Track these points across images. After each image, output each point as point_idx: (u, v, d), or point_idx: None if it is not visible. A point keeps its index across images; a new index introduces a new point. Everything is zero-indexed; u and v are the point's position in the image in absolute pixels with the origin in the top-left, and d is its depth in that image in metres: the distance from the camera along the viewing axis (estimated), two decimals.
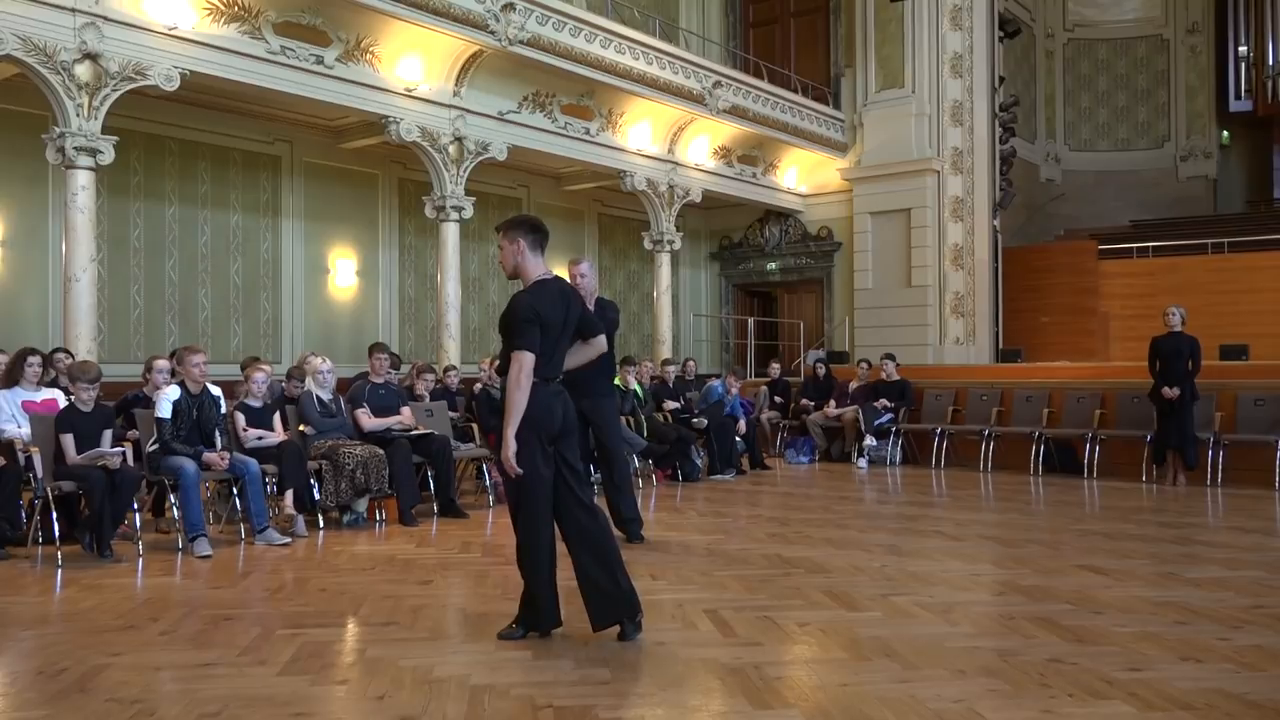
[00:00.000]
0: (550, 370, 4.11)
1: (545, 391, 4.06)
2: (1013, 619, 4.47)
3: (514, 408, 3.95)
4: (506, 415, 3.96)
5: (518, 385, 3.95)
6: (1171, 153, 23.41)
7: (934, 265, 16.68)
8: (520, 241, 4.16)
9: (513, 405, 3.95)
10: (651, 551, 6.24)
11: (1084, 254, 19.05)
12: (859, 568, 5.66)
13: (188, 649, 4.11)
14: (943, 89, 16.69)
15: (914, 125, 16.76)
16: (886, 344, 14.74)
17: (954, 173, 16.74)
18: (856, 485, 10.02)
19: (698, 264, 19.63)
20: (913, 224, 16.77)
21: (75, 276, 8.68)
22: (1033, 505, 8.61)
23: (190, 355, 6.69)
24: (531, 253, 4.17)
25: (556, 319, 4.08)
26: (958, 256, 16.73)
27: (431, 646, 4.10)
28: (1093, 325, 18.36)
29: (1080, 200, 23.13)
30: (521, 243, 4.16)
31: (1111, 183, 23.26)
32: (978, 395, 11.57)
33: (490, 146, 12.30)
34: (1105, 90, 23.90)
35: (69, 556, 6.04)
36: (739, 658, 3.89)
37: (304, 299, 12.87)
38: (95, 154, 8.73)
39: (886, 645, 4.04)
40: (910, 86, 16.80)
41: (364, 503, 7.45)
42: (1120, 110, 23.83)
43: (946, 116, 16.68)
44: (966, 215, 16.80)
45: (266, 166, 12.54)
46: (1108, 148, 23.83)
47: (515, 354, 3.95)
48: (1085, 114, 23.92)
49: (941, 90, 16.69)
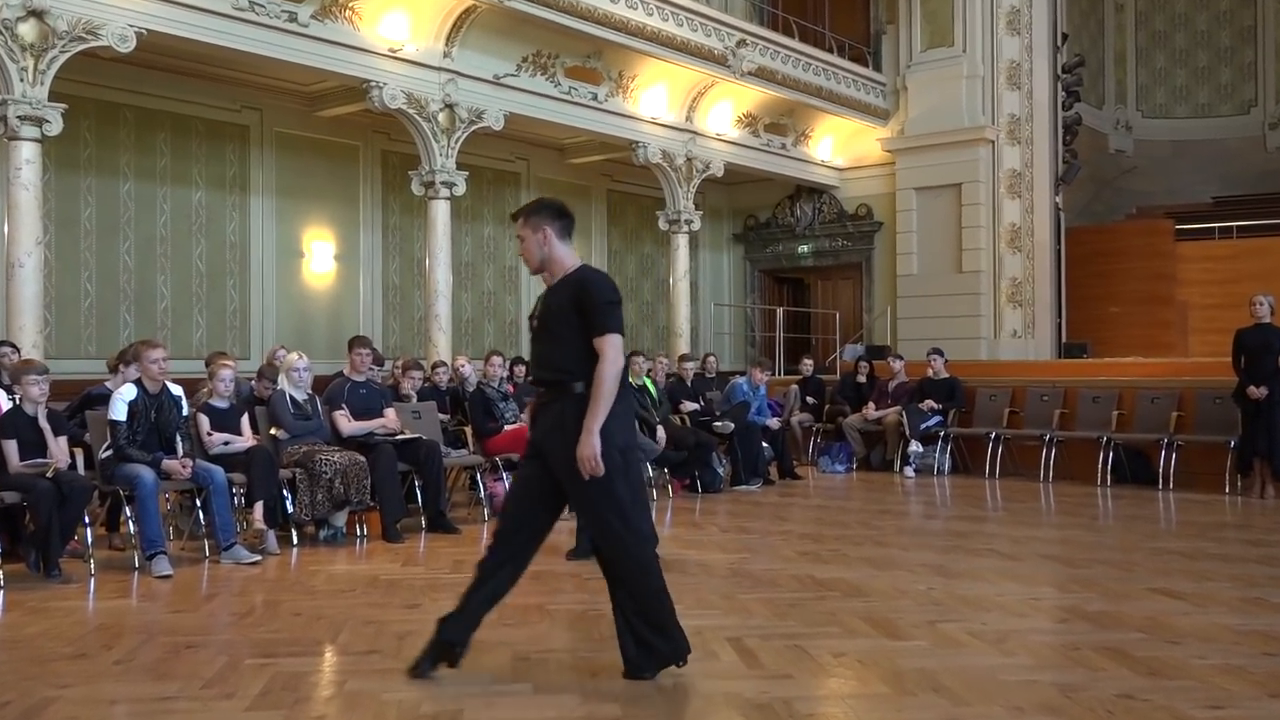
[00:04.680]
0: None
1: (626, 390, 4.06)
2: (1077, 649, 4.45)
3: (607, 399, 3.89)
4: (594, 409, 3.89)
5: (617, 375, 3.92)
6: (1259, 119, 23.24)
7: (988, 248, 16.60)
8: (546, 229, 4.10)
9: (606, 397, 3.89)
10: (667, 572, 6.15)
11: (1159, 235, 18.95)
12: (902, 590, 5.65)
13: (145, 680, 4.12)
14: (998, 47, 16.59)
15: (965, 89, 16.68)
16: (933, 337, 14.68)
17: (1010, 143, 16.64)
18: (899, 497, 9.99)
19: (719, 247, 19.60)
20: (963, 201, 16.70)
21: (19, 262, 8.71)
22: (1100, 520, 8.57)
23: (148, 350, 6.73)
24: (561, 241, 4.12)
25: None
26: (1015, 238, 16.65)
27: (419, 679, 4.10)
28: (1169, 316, 18.28)
29: (1154, 174, 23.01)
30: (548, 230, 4.10)
31: (1190, 154, 23.11)
32: (1037, 395, 11.52)
33: (485, 114, 12.31)
34: (1183, 49, 23.75)
35: (12, 576, 6.07)
36: (766, 692, 3.88)
37: (275, 287, 12.90)
38: (41, 124, 8.75)
39: (933, 678, 4.03)
40: (961, 45, 16.70)
41: (343, 516, 7.47)
42: (1200, 71, 23.68)
43: (1002, 79, 16.59)
44: (1025, 191, 16.72)
45: (233, 137, 12.56)
46: (1186, 114, 23.68)
47: (609, 338, 3.91)
48: (1160, 76, 23.78)
49: (996, 49, 16.59)
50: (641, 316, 17.70)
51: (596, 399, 3.89)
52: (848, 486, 10.85)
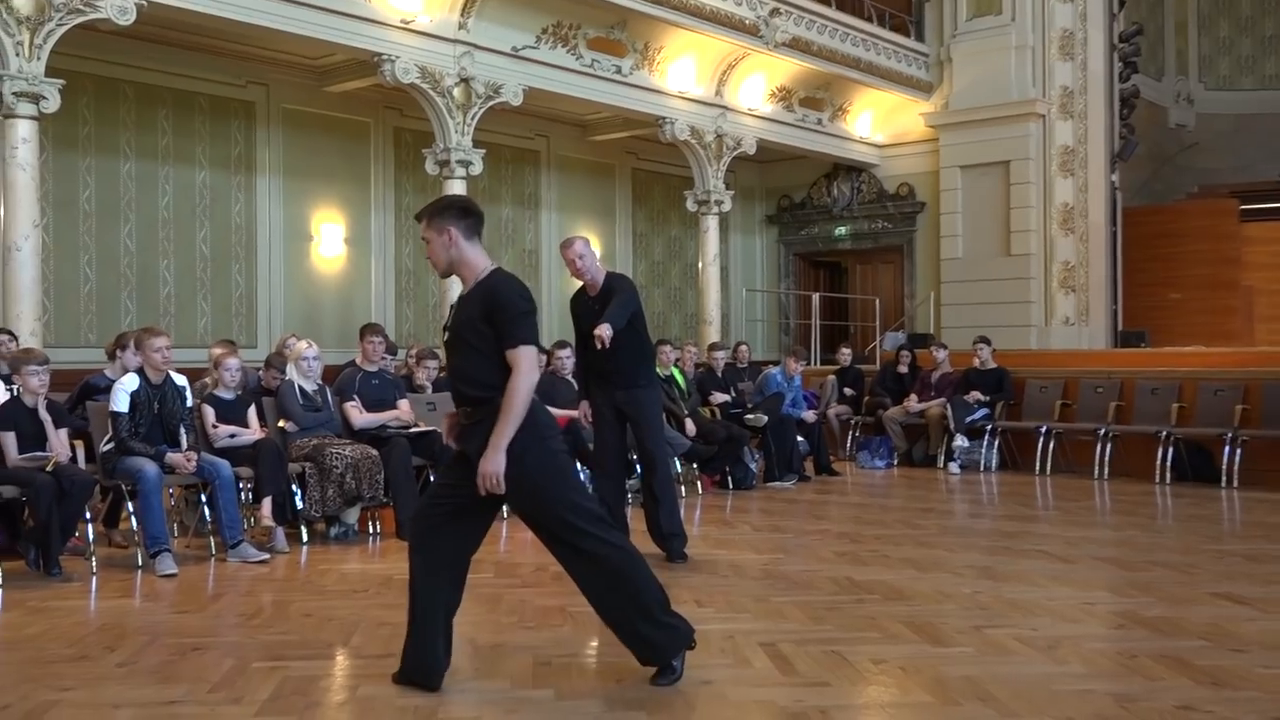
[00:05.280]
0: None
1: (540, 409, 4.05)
2: (1134, 657, 4.43)
3: (518, 416, 3.86)
4: (503, 424, 3.85)
5: (531, 389, 3.90)
6: None
7: (1038, 230, 16.53)
8: (450, 229, 4.01)
9: (517, 413, 3.86)
10: (696, 573, 6.25)
11: (1223, 215, 18.77)
12: (946, 594, 5.64)
13: (149, 684, 4.17)
14: (1049, 15, 16.49)
15: (1014, 60, 16.59)
16: (980, 325, 14.62)
17: (1063, 117, 16.55)
18: (943, 495, 9.98)
19: (751, 229, 19.57)
20: (1012, 180, 16.63)
21: (16, 245, 8.81)
22: (1158, 520, 8.54)
23: (151, 339, 6.77)
24: (468, 241, 4.03)
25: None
26: (1067, 219, 16.56)
27: None
28: (1233, 302, 18.12)
29: (1218, 150, 22.77)
30: (453, 231, 4.01)
31: (1256, 128, 22.84)
32: (1092, 387, 11.46)
33: (503, 89, 12.32)
34: (1249, 16, 23.47)
35: (11, 574, 6.13)
36: (801, 700, 3.88)
37: (283, 272, 12.99)
38: (38, 100, 8.83)
39: (979, 687, 4.02)
40: (1009, 13, 16.61)
41: (355, 513, 7.52)
42: (1267, 40, 23.40)
43: (1054, 49, 16.49)
44: (1078, 169, 16.63)
45: (238, 114, 12.64)
46: (1251, 86, 23.41)
47: (522, 349, 3.89)
48: (1224, 45, 23.51)
49: (1048, 17, 16.50)
50: (669, 303, 17.70)
51: (505, 416, 3.84)
52: (888, 483, 10.82)
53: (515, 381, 3.87)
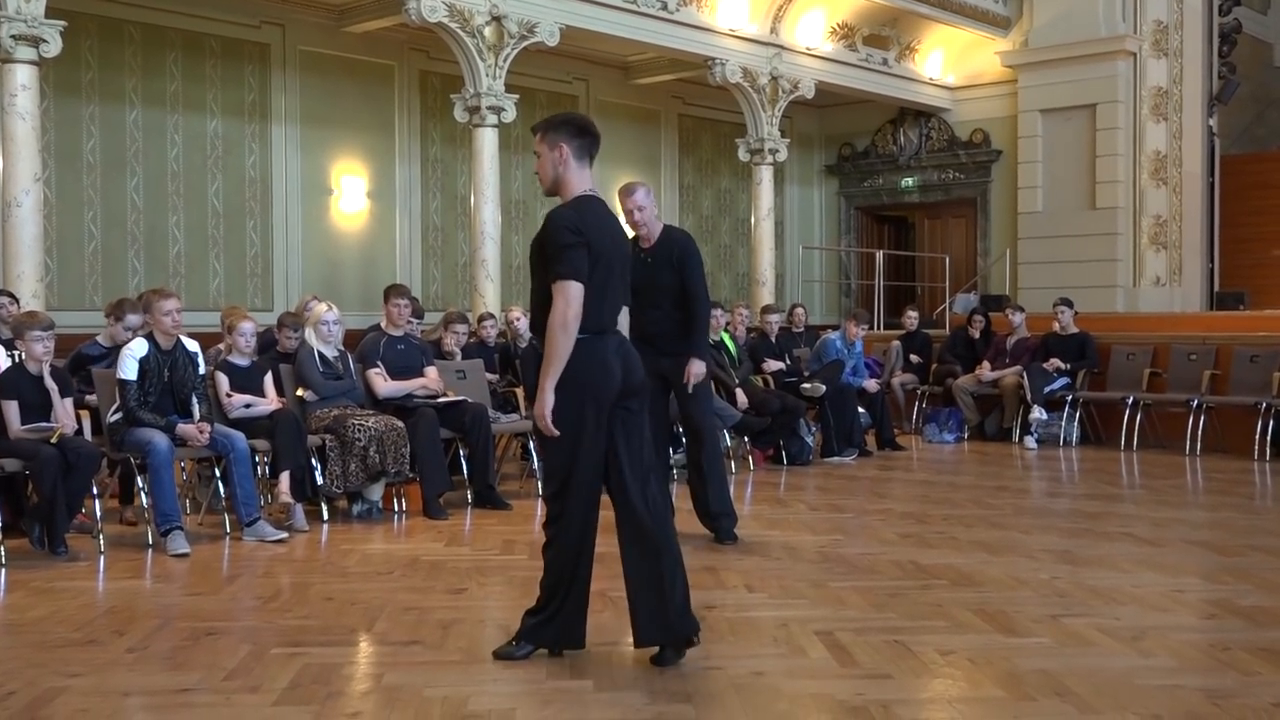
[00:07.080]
0: (604, 318, 4.14)
1: (601, 346, 4.10)
2: (1227, 650, 4.41)
3: (557, 353, 3.99)
4: (546, 363, 4.01)
5: (564, 326, 3.98)
6: None
7: (1127, 180, 16.36)
8: (563, 147, 4.20)
9: (556, 351, 3.99)
10: (747, 555, 6.26)
11: None
12: (1021, 580, 5.62)
13: (161, 670, 4.24)
14: None
15: None
16: (1061, 286, 14.52)
17: (1156, 55, 16.35)
18: (1018, 472, 9.93)
19: (809, 180, 19.45)
20: (1098, 125, 16.43)
21: (16, 201, 8.89)
22: (1256, 500, 8.46)
23: (161, 301, 6.80)
24: (577, 162, 4.22)
25: (608, 247, 4.14)
26: (1159, 168, 16.38)
27: (464, 672, 4.16)
28: None
29: None
30: (565, 148, 4.20)
31: None
32: (1184, 354, 11.33)
33: (538, 28, 12.28)
34: None
35: (14, 553, 6.24)
36: (861, 694, 3.89)
37: (301, 228, 13.07)
38: (38, 44, 8.88)
39: (1056, 681, 4.01)
40: None
41: (379, 489, 7.57)
42: None
43: None
44: (1172, 113, 16.44)
45: (252, 57, 12.70)
46: None
47: (558, 284, 3.99)
48: None
49: None
50: (719, 262, 17.64)
51: (547, 356, 4.01)
52: (958, 459, 10.79)
53: (551, 317, 4.01)
